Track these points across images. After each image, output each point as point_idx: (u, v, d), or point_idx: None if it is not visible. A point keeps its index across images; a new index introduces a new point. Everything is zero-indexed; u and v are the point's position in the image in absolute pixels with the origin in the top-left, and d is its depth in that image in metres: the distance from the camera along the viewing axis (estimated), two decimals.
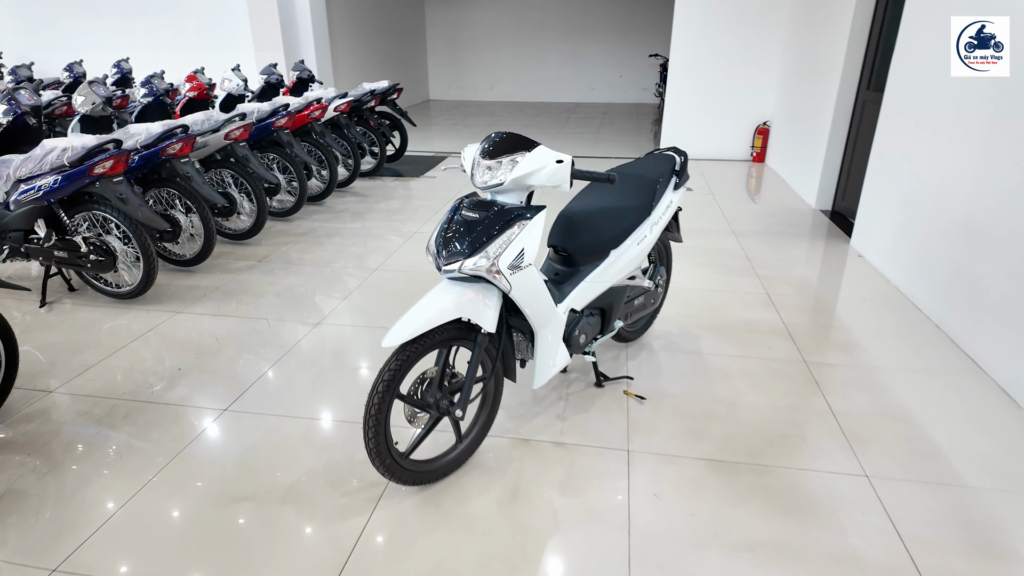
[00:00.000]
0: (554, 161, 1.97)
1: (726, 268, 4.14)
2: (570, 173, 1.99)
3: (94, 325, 3.37)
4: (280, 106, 4.81)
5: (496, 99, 13.69)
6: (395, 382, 1.92)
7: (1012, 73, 2.30)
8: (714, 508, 2.07)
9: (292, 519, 2.02)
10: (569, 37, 12.90)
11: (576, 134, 9.49)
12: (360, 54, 10.34)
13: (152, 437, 2.43)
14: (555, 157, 1.97)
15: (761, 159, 7.35)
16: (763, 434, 2.44)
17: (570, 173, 1.99)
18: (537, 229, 2.02)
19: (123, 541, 1.93)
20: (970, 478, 2.19)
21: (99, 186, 3.25)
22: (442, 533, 1.97)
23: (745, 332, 3.26)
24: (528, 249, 1.99)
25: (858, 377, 2.84)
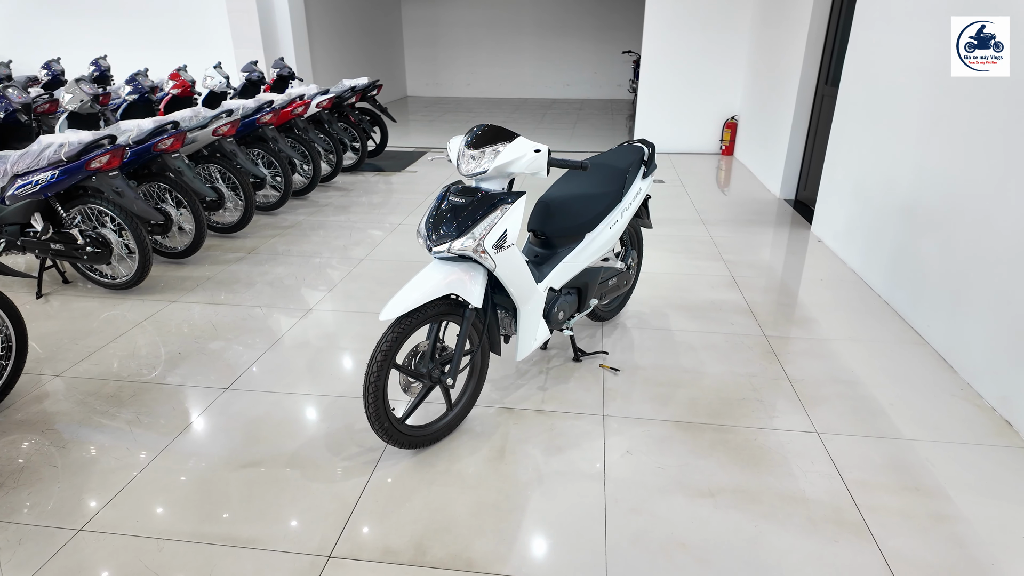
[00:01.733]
0: (532, 150, 2.18)
1: (694, 253, 4.40)
2: (547, 161, 2.20)
3: (91, 314, 3.50)
4: (265, 102, 4.95)
5: (473, 95, 13.85)
6: (392, 352, 2.11)
7: (1012, 73, 2.38)
8: (680, 461, 2.31)
9: (299, 479, 2.21)
10: (545, 34, 13.12)
11: (553, 129, 9.72)
12: (337, 51, 10.43)
13: (160, 412, 2.60)
14: (533, 147, 2.19)
15: (730, 152, 7.66)
16: (725, 398, 2.69)
17: (547, 161, 2.20)
18: (518, 212, 2.23)
19: (144, 501, 2.10)
20: (906, 431, 2.46)
21: (95, 180, 3.38)
22: (437, 487, 2.17)
23: (710, 310, 3.51)
24: (511, 230, 2.20)
25: (812, 348, 3.11)
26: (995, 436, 2.44)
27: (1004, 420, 2.52)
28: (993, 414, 2.57)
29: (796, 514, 2.06)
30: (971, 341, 2.79)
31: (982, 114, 2.76)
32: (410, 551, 1.91)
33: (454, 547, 1.92)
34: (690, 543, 1.94)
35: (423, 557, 1.89)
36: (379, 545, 1.93)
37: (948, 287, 3.00)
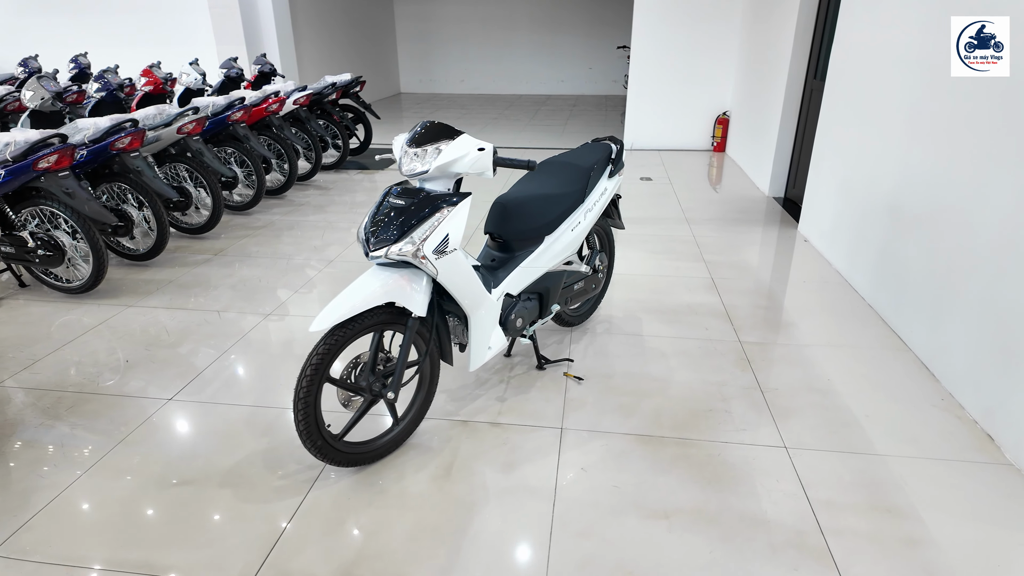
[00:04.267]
0: (476, 149, 2.04)
1: (675, 254, 4.26)
2: (492, 160, 2.07)
3: (44, 320, 3.38)
4: (236, 100, 4.81)
5: (467, 92, 13.70)
6: (323, 366, 1.98)
7: (1012, 73, 2.34)
8: (638, 478, 2.17)
9: (230, 499, 2.08)
10: (538, 30, 12.95)
11: (544, 126, 9.57)
12: (326, 47, 10.30)
13: (96, 427, 2.47)
14: (477, 145, 2.05)
15: (722, 148, 7.50)
16: (691, 409, 2.55)
17: (492, 160, 2.07)
18: (462, 215, 2.09)
19: (62, 524, 1.98)
20: (880, 446, 2.32)
21: (44, 181, 3.25)
22: (375, 509, 2.04)
23: (686, 314, 3.37)
24: (453, 234, 2.06)
25: (788, 354, 2.97)
26: (975, 451, 2.29)
27: (986, 434, 2.38)
28: (975, 427, 2.42)
29: (756, 538, 1.92)
30: (953, 348, 2.65)
31: (966, 112, 2.61)
32: None
33: None
34: (639, 571, 1.81)
35: None
36: (304, 574, 1.80)
37: (930, 291, 2.85)
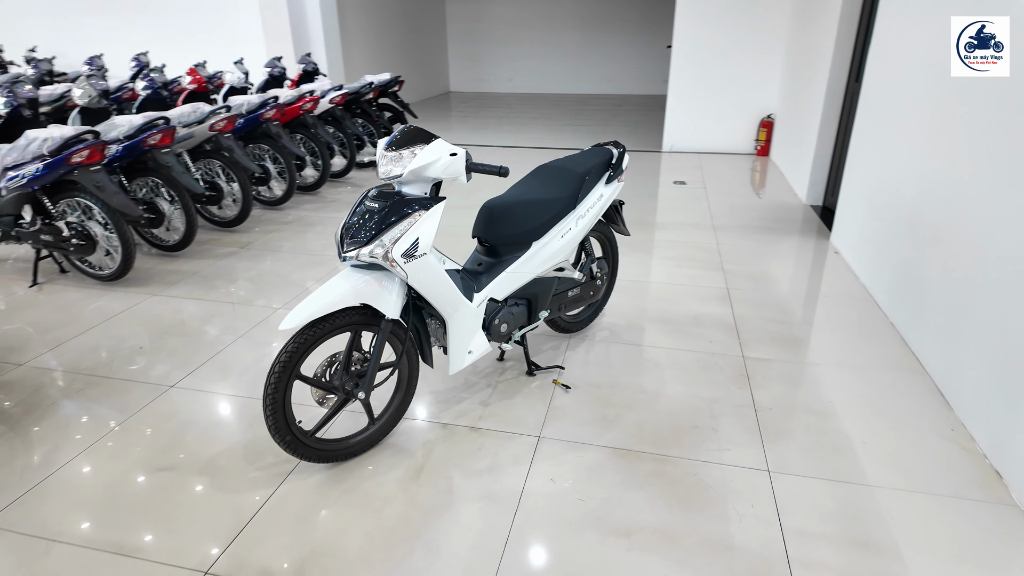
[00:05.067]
0: (448, 154, 2.05)
1: (693, 262, 4.13)
2: (464, 166, 2.07)
3: (75, 305, 3.59)
4: (269, 98, 4.98)
5: (514, 91, 13.71)
6: (291, 364, 2.03)
7: (1012, 73, 2.28)
8: (606, 493, 2.12)
9: (205, 488, 2.16)
10: (587, 29, 12.82)
11: (582, 126, 9.46)
12: (375, 47, 10.50)
13: (99, 409, 2.61)
14: (449, 150, 2.05)
15: (765, 153, 7.23)
16: (676, 425, 2.47)
17: (464, 166, 2.07)
18: (433, 220, 2.09)
19: (50, 501, 2.10)
20: (872, 475, 2.19)
21: (78, 174, 3.46)
22: (339, 507, 2.08)
23: (691, 325, 3.27)
24: (423, 239, 2.07)
25: (791, 372, 2.83)
26: (978, 488, 2.13)
27: (994, 470, 2.21)
28: (983, 462, 2.25)
29: (717, 564, 1.85)
30: (966, 373, 2.47)
31: (988, 119, 2.42)
32: (287, 574, 1.82)
33: (334, 574, 1.82)
34: None
35: None
36: (259, 566, 1.85)
37: (946, 309, 2.66)
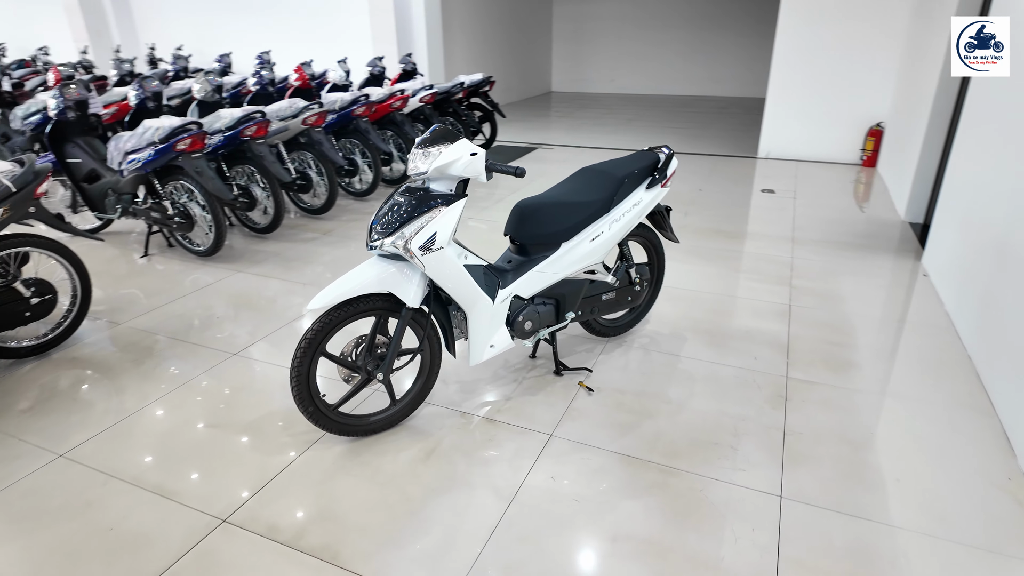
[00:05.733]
0: (469, 153, 2.13)
1: (760, 275, 3.95)
2: (483, 165, 2.14)
3: (174, 275, 4.06)
4: (360, 96, 5.31)
5: (615, 91, 13.55)
6: (316, 341, 2.20)
7: (1012, 73, 2.17)
8: (603, 498, 2.13)
9: (242, 447, 2.40)
10: (694, 28, 12.40)
11: (679, 128, 9.20)
12: (478, 47, 10.80)
13: (172, 368, 2.96)
14: (470, 150, 2.14)
15: (872, 164, 6.69)
16: (694, 439, 2.41)
17: (483, 165, 2.14)
18: (452, 216, 2.19)
19: (117, 443, 2.43)
20: (898, 516, 2.03)
21: (182, 160, 3.90)
22: (350, 478, 2.24)
23: (739, 340, 3.14)
24: (441, 233, 2.17)
25: (835, 398, 2.66)
26: (1020, 544, 1.91)
27: None
28: None
29: None
30: None
31: None
32: (290, 532, 1.99)
33: (330, 538, 1.97)
34: None
35: (298, 541, 1.96)
36: (269, 521, 2.04)
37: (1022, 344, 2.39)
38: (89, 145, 4.30)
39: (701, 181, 6.24)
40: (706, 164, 6.97)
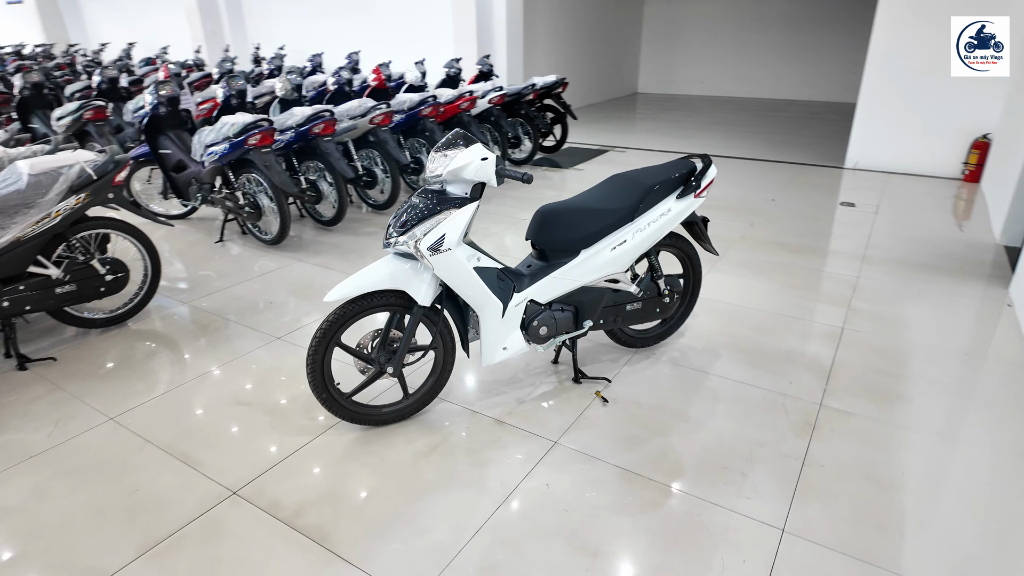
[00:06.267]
0: (479, 158, 2.16)
1: (816, 293, 3.72)
2: (493, 170, 2.17)
3: (242, 261, 4.37)
4: (428, 97, 5.47)
5: (704, 94, 13.10)
6: (330, 332, 2.31)
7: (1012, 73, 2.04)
8: (593, 511, 2.10)
9: (266, 426, 2.56)
10: (792, 29, 11.75)
11: (763, 134, 8.77)
12: (562, 47, 10.78)
13: (220, 346, 3.19)
14: (481, 155, 2.17)
15: (974, 179, 6.09)
16: (703, 460, 2.32)
17: (493, 170, 2.17)
18: (461, 218, 2.23)
19: (162, 411, 2.66)
20: (911, 567, 1.86)
21: (252, 154, 4.19)
22: (355, 465, 2.33)
23: (777, 362, 2.98)
24: (449, 235, 2.21)
25: (871, 431, 2.47)
26: None
27: None
28: None
29: None
30: None
31: None
32: (290, 510, 2.11)
33: (324, 520, 2.07)
34: None
35: (295, 519, 2.08)
36: (273, 497, 2.17)
37: None
38: (178, 138, 4.71)
39: (776, 191, 5.93)
40: (786, 173, 6.61)
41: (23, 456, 2.37)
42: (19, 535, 2.01)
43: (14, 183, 2.81)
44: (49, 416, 2.62)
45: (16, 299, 2.88)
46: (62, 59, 10.40)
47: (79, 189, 2.97)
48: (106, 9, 14.38)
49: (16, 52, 11.12)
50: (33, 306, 2.95)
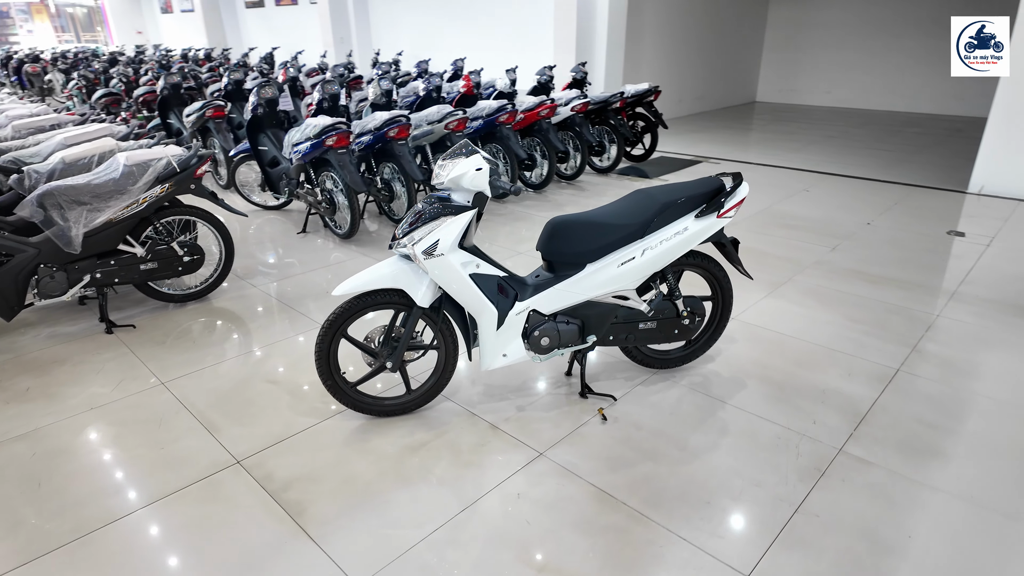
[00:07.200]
0: (474, 168, 2.23)
1: (881, 329, 3.38)
2: (487, 180, 2.23)
3: (317, 252, 4.74)
4: (506, 104, 5.59)
5: (829, 104, 12.16)
6: (337, 324, 2.48)
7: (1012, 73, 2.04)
8: (555, 527, 2.09)
9: (286, 404, 2.79)
10: (930, 36, 10.58)
11: (882, 151, 8.00)
12: (672, 54, 10.50)
13: (269, 329, 3.51)
14: (476, 165, 2.23)
15: None
16: (686, 493, 2.22)
17: (487, 180, 2.23)
18: (456, 225, 2.30)
19: (203, 381, 2.98)
20: None
21: (329, 154, 4.53)
22: (347, 451, 2.49)
23: (807, 399, 2.77)
24: (443, 241, 2.30)
25: (887, 486, 2.23)
26: None
27: None
28: None
29: None
30: None
31: None
32: (279, 484, 2.30)
33: (305, 497, 2.24)
34: None
35: (280, 493, 2.26)
36: (270, 470, 2.37)
37: None
38: (275, 136, 5.19)
39: (876, 214, 5.42)
40: (894, 194, 6.02)
41: (85, 407, 2.77)
42: (53, 472, 2.36)
43: (112, 172, 3.28)
44: (116, 375, 3.03)
45: (107, 272, 3.35)
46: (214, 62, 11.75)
47: (164, 180, 3.39)
48: (257, 18, 16.01)
49: (183, 55, 12.71)
50: (120, 279, 3.41)
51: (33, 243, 3.14)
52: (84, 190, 3.21)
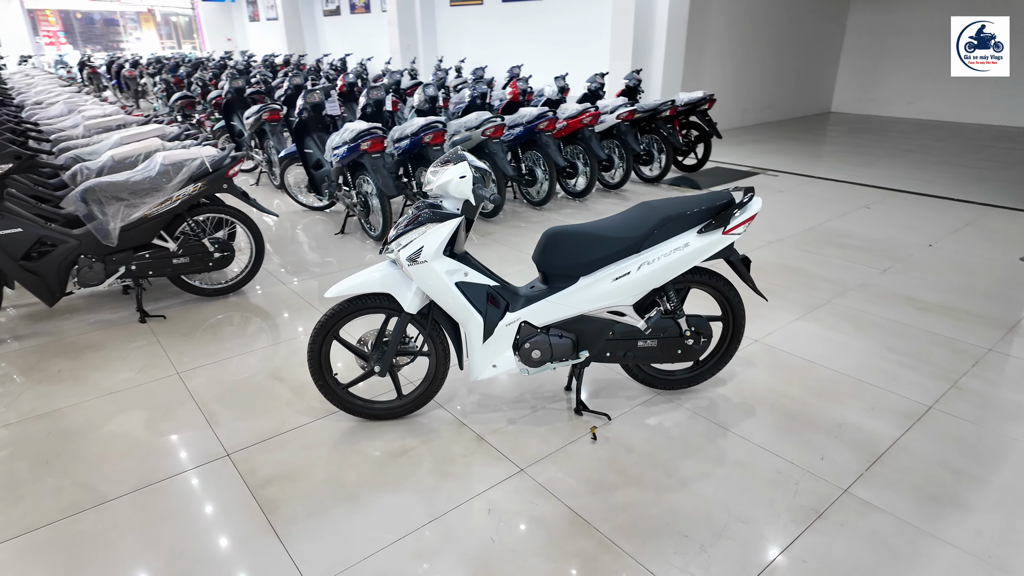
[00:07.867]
0: (458, 176, 2.20)
1: (920, 362, 3.10)
2: (470, 188, 2.20)
3: (351, 252, 4.84)
4: (546, 111, 5.54)
5: (911, 116, 11.38)
6: (328, 326, 2.51)
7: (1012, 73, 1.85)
8: (520, 547, 2.02)
9: (281, 401, 2.86)
10: None
11: (963, 167, 7.39)
12: (737, 61, 10.13)
13: (288, 326, 3.60)
14: (460, 173, 2.20)
15: None
16: (666, 524, 2.10)
17: (470, 188, 2.20)
18: (440, 233, 2.28)
19: (214, 374, 3.10)
20: None
21: (364, 158, 4.63)
22: (332, 452, 2.51)
23: (819, 432, 2.57)
24: (427, 248, 2.28)
25: (891, 534, 2.03)
26: None
27: None
28: None
29: None
30: None
31: None
32: (260, 479, 2.35)
33: (281, 495, 2.27)
34: None
35: (259, 489, 2.30)
36: (255, 466, 2.43)
37: None
38: (320, 140, 5.36)
39: (941, 234, 5.00)
40: (966, 214, 5.53)
41: (104, 392, 2.94)
42: (61, 451, 2.50)
43: (149, 170, 3.47)
44: (139, 362, 3.20)
45: (141, 264, 3.55)
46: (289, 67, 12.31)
47: (197, 179, 3.56)
48: (333, 26, 16.67)
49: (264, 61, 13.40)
50: (154, 271, 3.60)
51: (75, 235, 3.37)
52: (123, 187, 3.41)
